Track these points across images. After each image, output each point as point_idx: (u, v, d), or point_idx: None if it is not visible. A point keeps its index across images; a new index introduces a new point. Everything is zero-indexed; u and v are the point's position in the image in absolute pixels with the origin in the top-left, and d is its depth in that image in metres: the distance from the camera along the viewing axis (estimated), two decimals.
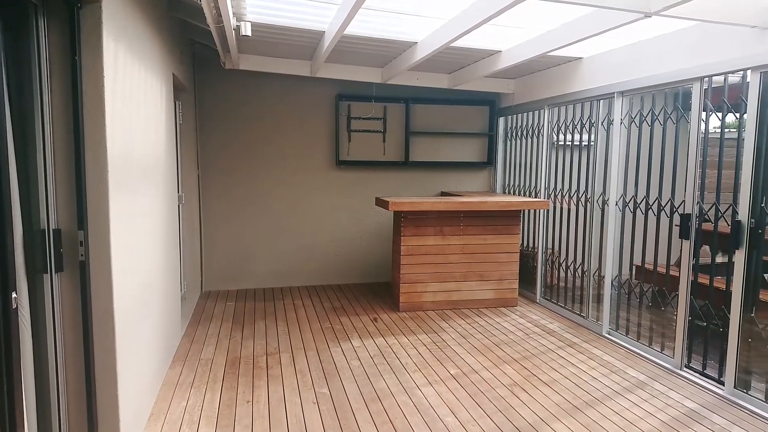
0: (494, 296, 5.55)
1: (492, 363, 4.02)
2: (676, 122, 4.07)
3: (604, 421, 3.14)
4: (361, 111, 6.33)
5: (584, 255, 5.11)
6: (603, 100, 4.77)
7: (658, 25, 3.83)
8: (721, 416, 3.22)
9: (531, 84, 5.93)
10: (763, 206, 3.31)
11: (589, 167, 5.00)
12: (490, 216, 5.44)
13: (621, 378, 3.78)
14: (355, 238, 6.52)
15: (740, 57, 3.35)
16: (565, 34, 3.98)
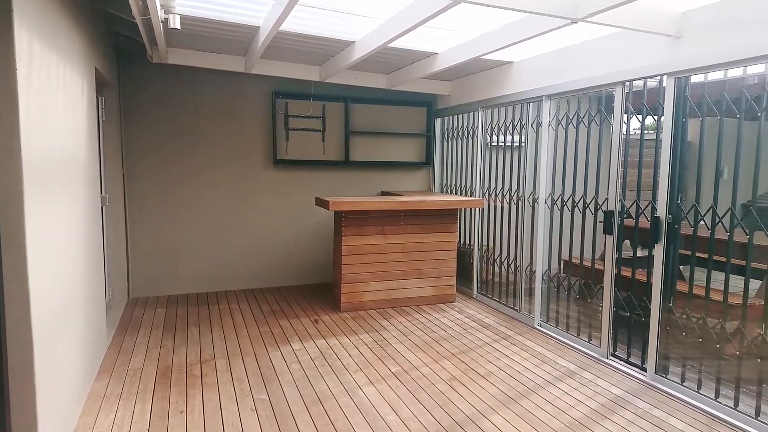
0: (433, 293, 5.65)
1: (432, 359, 4.08)
2: (600, 124, 4.31)
3: (537, 411, 3.27)
4: (299, 109, 6.24)
5: (517, 251, 5.31)
6: (533, 103, 4.97)
7: (584, 31, 4.04)
8: (644, 401, 3.44)
9: (466, 86, 6.08)
10: (679, 203, 3.57)
11: (520, 167, 5.21)
12: (429, 215, 5.52)
13: (552, 368, 3.95)
14: (294, 238, 6.41)
15: (657, 63, 3.60)
16: (497, 39, 4.11)
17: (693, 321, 3.55)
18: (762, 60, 2.97)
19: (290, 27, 4.17)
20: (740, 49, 3.05)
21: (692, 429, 3.07)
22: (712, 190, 3.38)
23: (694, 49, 3.37)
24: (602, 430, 3.04)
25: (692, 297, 3.62)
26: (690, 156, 3.68)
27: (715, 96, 3.30)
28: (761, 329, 3.19)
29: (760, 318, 3.43)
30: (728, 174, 3.29)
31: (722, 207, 3.31)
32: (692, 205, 3.49)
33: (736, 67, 3.13)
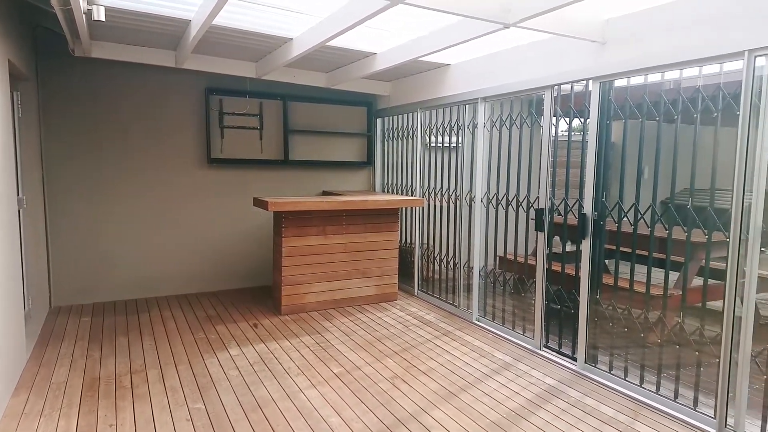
0: (376, 292, 5.66)
1: (374, 358, 4.09)
2: (531, 126, 4.49)
3: (476, 404, 3.35)
4: (234, 106, 6.05)
5: (455, 248, 5.44)
6: (468, 105, 5.10)
7: (516, 36, 4.18)
8: (575, 390, 3.62)
9: (405, 87, 6.15)
10: (604, 201, 3.78)
11: (458, 167, 5.33)
12: (371, 214, 5.53)
13: (490, 361, 4.07)
14: (231, 241, 6.22)
15: (584, 68, 3.79)
16: (433, 41, 4.17)
17: (618, 312, 3.77)
18: (677, 66, 3.20)
19: (224, 21, 4.03)
20: (657, 56, 3.27)
21: (620, 415, 3.26)
22: (634, 189, 3.61)
23: (617, 55, 3.57)
24: (537, 419, 3.17)
25: (617, 289, 3.84)
26: (614, 156, 3.90)
27: (636, 99, 3.52)
28: (679, 318, 3.43)
29: (679, 307, 3.69)
30: (649, 173, 3.52)
31: (644, 204, 3.54)
32: (616, 203, 3.70)
33: (655, 72, 3.35)
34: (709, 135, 3.10)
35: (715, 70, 3.03)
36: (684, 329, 3.36)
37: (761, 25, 2.74)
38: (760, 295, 2.94)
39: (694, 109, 3.16)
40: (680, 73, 3.22)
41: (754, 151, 2.82)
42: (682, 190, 3.34)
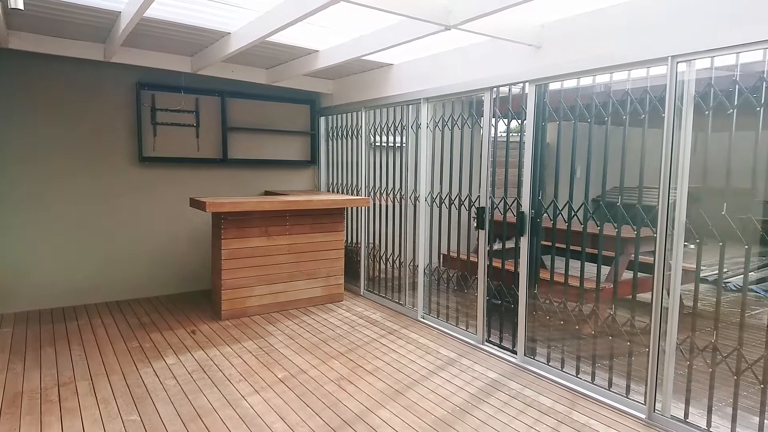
0: (322, 293, 5.60)
1: (320, 360, 4.04)
2: (472, 127, 4.59)
3: (422, 401, 3.38)
4: (168, 102, 5.78)
5: (401, 247, 5.47)
6: (412, 105, 5.14)
7: (457, 38, 4.25)
8: (516, 382, 3.73)
9: (349, 86, 6.11)
10: (540, 199, 3.92)
11: (402, 167, 5.36)
12: (316, 214, 5.46)
13: (435, 358, 4.13)
14: (167, 244, 5.94)
15: (521, 71, 3.91)
16: (376, 41, 4.17)
17: (555, 305, 3.93)
18: (607, 70, 3.36)
19: (156, 14, 3.84)
20: (589, 60, 3.42)
21: (558, 405, 3.39)
22: (568, 187, 3.76)
23: (552, 58, 3.71)
24: (480, 413, 3.24)
25: (553, 283, 4.00)
26: (549, 156, 4.05)
27: (569, 102, 3.67)
28: (611, 310, 3.62)
29: (611, 300, 3.89)
30: (581, 172, 3.69)
31: (577, 202, 3.70)
32: (551, 201, 3.85)
33: (586, 76, 3.50)
34: (637, 136, 3.28)
35: (643, 75, 3.21)
36: (616, 320, 3.54)
37: (682, 32, 2.93)
38: (684, 287, 3.15)
39: (623, 111, 3.33)
40: (610, 76, 3.39)
41: (678, 152, 3.01)
42: (612, 188, 3.52)
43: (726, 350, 2.93)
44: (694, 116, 2.96)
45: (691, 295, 3.20)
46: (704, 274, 4.60)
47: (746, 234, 2.86)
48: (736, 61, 2.76)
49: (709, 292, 5.38)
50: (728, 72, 2.80)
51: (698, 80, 2.94)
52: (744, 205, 3.04)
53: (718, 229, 2.91)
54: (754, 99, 2.71)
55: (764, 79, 2.67)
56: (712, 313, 3.24)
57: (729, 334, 3.14)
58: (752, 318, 5.00)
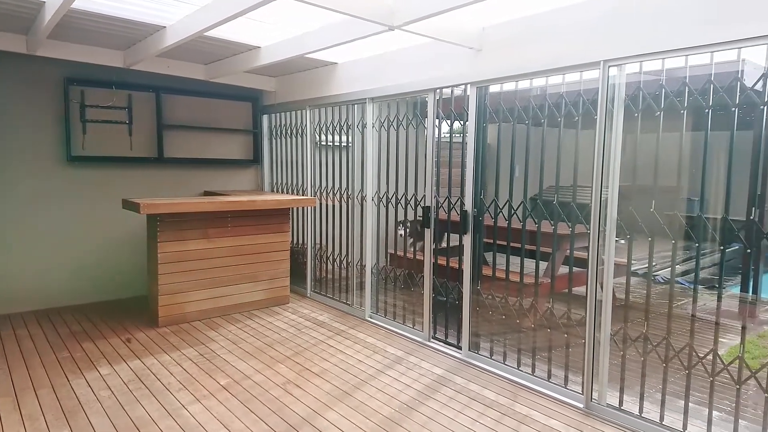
0: (266, 296, 5.47)
1: (265, 365, 3.94)
2: (416, 127, 4.64)
3: (370, 401, 3.38)
4: (99, 98, 5.46)
5: (348, 247, 5.45)
6: (357, 105, 5.13)
7: (402, 39, 4.27)
8: (461, 377, 3.80)
9: (292, 84, 6.01)
10: (482, 198, 4.02)
11: (349, 166, 5.34)
12: (260, 215, 5.33)
13: (383, 357, 4.14)
14: (98, 248, 5.61)
15: (463, 73, 3.98)
16: (320, 38, 4.13)
17: (497, 300, 4.04)
18: (543, 74, 3.49)
19: (85, 5, 3.61)
20: (526, 64, 3.54)
21: (501, 398, 3.48)
22: (508, 186, 3.88)
23: (492, 61, 3.81)
24: (426, 409, 3.27)
25: (495, 279, 4.11)
26: (490, 157, 4.16)
27: (509, 104, 3.78)
28: (549, 304, 3.76)
29: (548, 294, 4.04)
30: (520, 172, 3.81)
31: (516, 200, 3.82)
32: (492, 200, 3.95)
33: (524, 79, 3.62)
34: (572, 137, 3.43)
35: (576, 78, 3.36)
36: (554, 314, 3.69)
37: (614, 38, 3.09)
38: (616, 280, 3.32)
39: (558, 114, 3.47)
40: (546, 80, 3.52)
41: (610, 152, 3.17)
42: (549, 187, 3.66)
43: (656, 339, 3.12)
44: (625, 118, 3.13)
45: (623, 287, 3.38)
46: (635, 268, 4.87)
47: (672, 229, 3.05)
48: (662, 66, 2.93)
49: (640, 285, 5.71)
50: (656, 76, 2.98)
51: (628, 84, 3.11)
52: (670, 202, 3.24)
53: (647, 225, 3.10)
54: (678, 102, 2.90)
55: (687, 84, 2.86)
56: (642, 304, 3.44)
57: (658, 324, 3.35)
58: (678, 308, 5.36)
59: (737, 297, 6.30)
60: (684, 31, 2.78)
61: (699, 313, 4.58)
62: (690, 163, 3.26)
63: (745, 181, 6.01)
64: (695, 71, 2.83)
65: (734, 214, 2.84)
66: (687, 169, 3.15)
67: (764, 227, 2.78)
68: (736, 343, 4.47)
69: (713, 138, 2.88)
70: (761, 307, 5.71)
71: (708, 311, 4.97)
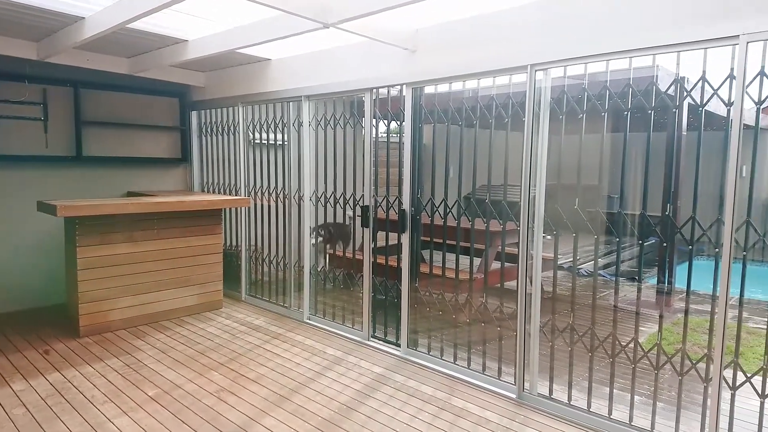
0: (198, 301, 5.25)
1: (197, 373, 3.78)
2: (354, 127, 4.62)
3: (309, 404, 3.33)
4: (9, 93, 5.01)
5: (285, 248, 5.34)
6: (292, 102, 5.03)
7: (338, 37, 4.22)
8: (400, 374, 3.83)
9: (223, 79, 5.81)
10: (419, 197, 4.07)
11: (284, 165, 5.23)
12: (190, 217, 5.10)
13: (321, 358, 4.09)
14: (9, 253, 5.15)
15: (398, 73, 4.01)
16: (252, 34, 4.01)
17: (434, 297, 4.11)
18: (474, 76, 3.58)
19: None
20: (458, 66, 3.62)
21: (439, 392, 3.54)
22: (443, 186, 3.95)
23: (425, 63, 3.86)
24: (366, 408, 3.27)
25: (432, 276, 4.18)
26: (426, 156, 4.22)
27: (443, 105, 3.86)
28: (483, 298, 3.87)
29: (482, 289, 4.16)
30: (454, 172, 3.90)
31: (451, 199, 3.90)
32: (429, 199, 4.02)
33: (457, 81, 3.70)
34: (502, 138, 3.55)
35: (506, 82, 3.48)
36: (487, 308, 3.80)
37: (539, 43, 3.22)
38: (544, 274, 3.47)
39: (489, 116, 3.58)
40: (478, 82, 3.62)
41: (537, 152, 3.30)
42: (482, 186, 3.77)
43: (582, 330, 3.29)
44: (551, 120, 3.28)
45: (551, 281, 3.54)
46: (561, 262, 5.12)
47: (595, 225, 3.23)
48: (584, 71, 3.10)
49: (566, 278, 6.02)
50: (579, 81, 3.13)
51: (554, 87, 3.25)
52: (592, 199, 3.43)
53: (572, 222, 3.26)
54: (599, 105, 3.07)
55: (607, 88, 3.03)
56: (568, 296, 3.62)
57: (583, 315, 3.53)
58: (601, 300, 5.69)
59: (654, 288, 6.79)
60: (604, 37, 2.94)
61: (620, 304, 4.88)
62: (610, 162, 3.47)
63: (660, 179, 6.49)
64: (615, 76, 3.01)
65: (651, 210, 3.05)
66: (608, 169, 3.34)
67: (678, 222, 3.00)
68: (654, 330, 4.81)
69: (632, 139, 3.08)
70: (676, 296, 6.19)
71: (629, 302, 5.32)
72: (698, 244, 2.84)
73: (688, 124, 6.08)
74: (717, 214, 2.67)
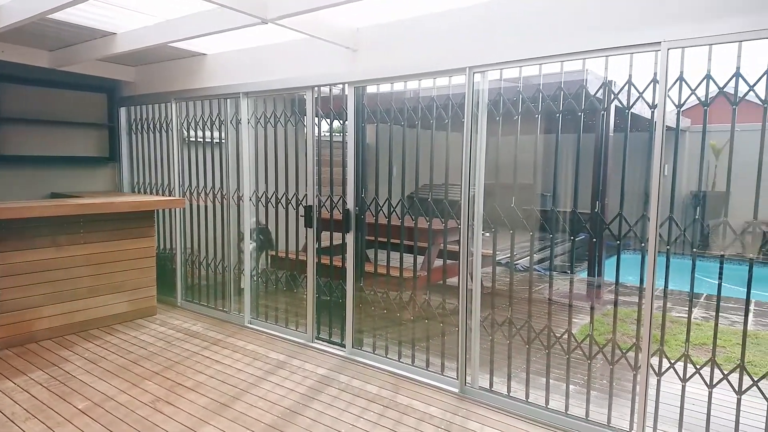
0: (130, 308, 4.98)
1: (130, 383, 3.59)
2: (296, 125, 4.55)
3: (251, 410, 3.24)
4: None
5: (224, 250, 5.17)
6: (230, 99, 4.88)
7: (279, 33, 4.13)
8: (345, 375, 3.81)
9: (155, 74, 5.55)
10: (363, 197, 4.06)
11: (222, 164, 5.06)
12: (119, 219, 4.82)
13: (263, 363, 4.00)
14: None
15: (340, 72, 3.98)
16: (186, 27, 3.85)
17: (379, 296, 4.12)
18: (415, 77, 3.62)
19: None
20: (399, 67, 3.64)
21: (384, 391, 3.55)
22: (386, 185, 3.96)
23: (367, 62, 3.86)
24: (311, 412, 3.23)
25: (377, 275, 4.19)
26: (369, 156, 4.23)
27: (385, 105, 3.87)
28: (426, 295, 3.93)
29: (425, 286, 4.21)
30: (398, 171, 3.93)
31: (395, 198, 3.92)
32: (373, 198, 4.02)
33: (398, 81, 3.73)
34: (443, 138, 3.61)
35: (446, 83, 3.54)
36: (430, 305, 3.86)
37: (477, 46, 3.30)
38: (484, 270, 3.57)
39: (430, 116, 3.63)
40: (419, 83, 3.66)
41: (476, 153, 3.39)
42: (424, 185, 3.82)
43: (519, 323, 3.40)
44: (488, 122, 3.37)
45: (491, 277, 3.64)
46: (499, 258, 5.29)
47: (530, 222, 3.35)
48: (519, 74, 3.20)
49: (504, 274, 6.22)
50: (514, 83, 3.24)
51: (491, 90, 3.34)
52: (527, 198, 3.56)
53: (509, 219, 3.38)
54: (533, 107, 3.19)
55: (541, 91, 3.15)
56: (507, 291, 3.73)
57: (521, 308, 3.66)
58: (537, 293, 5.92)
59: (585, 281, 7.15)
60: (537, 42, 3.06)
61: (555, 297, 5.10)
62: (544, 162, 3.61)
63: (590, 178, 6.83)
64: (548, 79, 3.14)
65: (581, 207, 3.21)
66: (542, 168, 3.49)
67: (606, 218, 3.17)
68: (586, 322, 5.06)
69: (563, 140, 3.22)
70: (605, 288, 6.55)
71: (562, 295, 5.57)
72: (625, 239, 3.01)
73: (615, 126, 6.46)
74: (642, 210, 2.84)
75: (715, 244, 7.33)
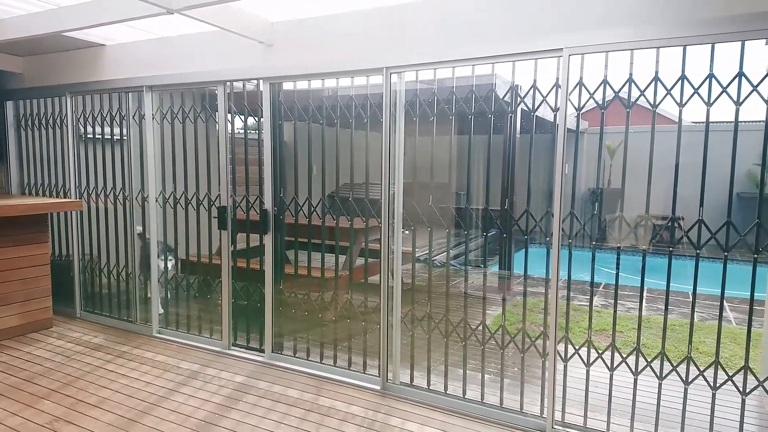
0: (21, 322, 4.50)
1: (23, 404, 3.24)
2: (206, 121, 4.33)
3: (162, 425, 3.05)
4: None
5: (128, 256, 4.81)
6: (132, 93, 4.55)
7: (188, 25, 3.91)
8: (264, 381, 3.70)
9: (47, 66, 5.04)
10: (282, 196, 3.96)
11: (124, 163, 4.71)
12: (9, 224, 4.32)
13: (175, 374, 3.78)
14: None
15: (254, 67, 3.86)
16: (82, 15, 3.54)
17: (300, 297, 4.05)
18: (332, 75, 3.59)
19: None
20: (316, 64, 3.60)
21: (306, 394, 3.49)
22: (306, 184, 3.90)
23: (283, 58, 3.77)
24: (228, 422, 3.10)
25: (297, 277, 4.12)
26: (288, 155, 4.13)
27: (303, 103, 3.80)
28: (348, 294, 3.92)
29: (347, 285, 4.20)
30: (317, 170, 3.87)
31: (315, 198, 3.87)
32: (292, 198, 3.94)
33: (315, 79, 3.68)
34: (363, 137, 3.62)
35: (364, 83, 3.54)
36: (353, 304, 3.85)
37: (394, 47, 3.34)
38: (404, 267, 3.62)
39: (349, 115, 3.62)
40: (337, 81, 3.64)
41: (395, 152, 3.43)
42: (344, 184, 3.81)
43: (438, 317, 3.49)
44: (406, 122, 3.42)
45: (410, 273, 3.71)
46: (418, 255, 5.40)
47: (446, 219, 3.46)
48: (434, 77, 3.28)
49: (423, 270, 6.36)
50: (430, 85, 3.32)
51: (408, 91, 3.40)
52: (443, 196, 3.67)
53: (427, 217, 3.45)
54: (447, 109, 3.28)
55: (454, 93, 3.25)
56: (425, 287, 3.82)
57: (439, 303, 3.76)
58: (454, 287, 6.12)
59: (497, 274, 7.51)
60: (449, 46, 3.15)
61: (470, 290, 5.31)
62: (458, 162, 3.74)
63: (499, 177, 7.16)
64: (461, 82, 3.25)
65: (492, 204, 3.36)
66: (456, 168, 3.61)
67: (515, 215, 3.34)
68: (499, 313, 5.31)
69: (475, 140, 3.35)
70: (515, 280, 6.92)
71: (476, 288, 5.80)
72: (532, 234, 3.19)
73: (522, 128, 6.84)
74: (547, 207, 3.03)
75: (611, 237, 8.01)
